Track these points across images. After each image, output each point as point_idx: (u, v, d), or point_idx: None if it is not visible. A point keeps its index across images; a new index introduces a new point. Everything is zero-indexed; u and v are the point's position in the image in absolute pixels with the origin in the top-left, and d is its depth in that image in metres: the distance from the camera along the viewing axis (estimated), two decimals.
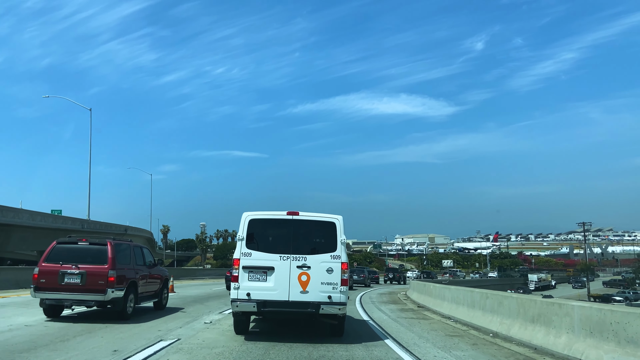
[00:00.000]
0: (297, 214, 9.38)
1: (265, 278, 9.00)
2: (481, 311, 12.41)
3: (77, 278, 11.13)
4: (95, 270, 11.21)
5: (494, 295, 11.86)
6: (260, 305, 8.88)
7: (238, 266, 9.06)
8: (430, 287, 19.54)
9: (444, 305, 16.25)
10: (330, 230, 9.34)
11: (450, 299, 15.64)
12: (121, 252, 12.23)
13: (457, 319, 13.80)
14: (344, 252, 9.28)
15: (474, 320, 12.51)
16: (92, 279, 11.15)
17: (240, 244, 9.22)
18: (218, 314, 13.69)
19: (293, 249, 9.16)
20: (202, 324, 11.40)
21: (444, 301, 16.45)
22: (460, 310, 14.18)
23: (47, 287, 11.16)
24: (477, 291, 13.23)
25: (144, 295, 13.26)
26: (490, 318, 11.67)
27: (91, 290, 11.13)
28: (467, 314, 13.35)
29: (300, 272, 9.04)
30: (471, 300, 13.33)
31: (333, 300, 8.97)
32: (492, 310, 11.67)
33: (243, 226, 9.31)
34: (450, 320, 14.07)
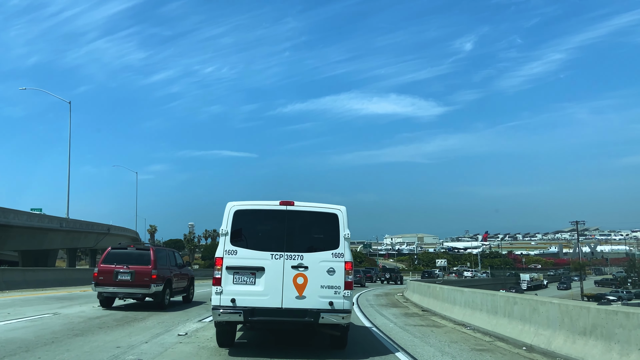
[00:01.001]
0: (291, 203, 8.00)
1: (254, 281, 7.63)
2: (507, 319, 10.53)
3: (128, 276, 13.97)
4: (141, 270, 14.02)
5: (525, 300, 9.97)
6: (247, 313, 7.48)
7: (221, 266, 7.68)
8: (436, 288, 17.65)
9: (454, 310, 14.36)
10: (332, 223, 7.97)
11: (464, 303, 13.75)
12: (160, 255, 14.99)
13: (475, 327, 11.91)
14: (347, 250, 7.89)
15: (499, 330, 10.62)
16: (139, 277, 13.97)
17: (224, 240, 7.84)
18: (197, 322, 11.67)
19: (287, 246, 7.78)
20: (174, 337, 9.37)
21: (455, 305, 14.56)
22: (477, 316, 12.29)
23: (104, 283, 14.02)
24: (500, 295, 11.35)
25: (177, 290, 15.93)
26: (520, 327, 9.79)
27: (138, 286, 13.96)
28: (487, 322, 11.46)
29: (295, 274, 7.67)
30: (492, 305, 11.44)
31: (335, 307, 7.56)
32: (523, 318, 9.79)
33: (227, 218, 7.92)
34: (467, 328, 12.18)
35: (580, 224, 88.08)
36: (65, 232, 52.24)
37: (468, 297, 13.43)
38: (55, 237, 50.19)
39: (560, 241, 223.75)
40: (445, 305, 15.64)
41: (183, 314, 13.57)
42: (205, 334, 9.88)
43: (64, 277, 27.31)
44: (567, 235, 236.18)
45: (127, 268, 13.95)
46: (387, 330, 11.65)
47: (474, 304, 12.82)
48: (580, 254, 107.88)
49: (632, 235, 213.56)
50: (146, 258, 14.25)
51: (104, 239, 66.89)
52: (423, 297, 19.71)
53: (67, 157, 51.31)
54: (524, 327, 9.68)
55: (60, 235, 51.59)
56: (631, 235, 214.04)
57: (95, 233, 63.63)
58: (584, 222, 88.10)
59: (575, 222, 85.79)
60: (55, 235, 49.79)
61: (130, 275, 13.89)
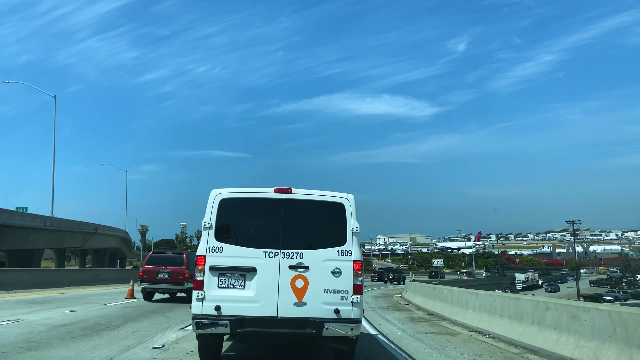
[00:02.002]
0: (289, 191, 6.77)
1: (243, 284, 6.41)
2: (536, 327, 9.12)
3: (166, 274, 16.94)
4: (177, 270, 16.95)
5: (561, 305, 8.56)
6: (235, 324, 6.20)
7: (203, 267, 6.43)
8: (443, 290, 16.24)
9: (467, 315, 12.95)
10: (337, 214, 6.75)
11: (478, 307, 12.34)
12: (190, 258, 17.46)
13: (495, 336, 10.51)
14: (356, 246, 6.69)
15: (527, 339, 9.21)
16: (175, 275, 16.89)
17: (207, 235, 6.59)
18: (178, 331, 10.16)
19: (284, 242, 6.57)
20: (147, 351, 7.85)
21: (467, 309, 13.15)
22: (496, 323, 10.88)
23: (148, 280, 17.02)
24: (526, 299, 9.93)
25: None
26: (555, 337, 8.38)
27: (175, 283, 16.91)
28: (510, 329, 10.05)
29: (294, 275, 6.45)
30: (517, 311, 10.03)
31: (342, 315, 6.33)
32: (558, 326, 8.38)
33: (211, 209, 6.70)
34: (486, 336, 10.77)
35: (576, 223, 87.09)
36: (50, 232, 50.34)
37: (484, 300, 12.02)
38: (39, 237, 48.29)
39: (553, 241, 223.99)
40: (455, 309, 14.23)
41: (165, 320, 12.04)
42: (186, 345, 8.40)
43: (43, 278, 25.59)
44: (558, 236, 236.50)
45: (165, 268, 16.92)
46: (397, 339, 10.20)
47: (492, 309, 11.41)
48: (580, 255, 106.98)
49: (623, 236, 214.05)
50: (179, 260, 17.29)
51: (92, 238, 65.00)
52: (427, 300, 18.31)
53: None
54: (559, 337, 8.28)
55: (45, 234, 49.70)
56: (623, 236, 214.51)
57: (82, 232, 61.69)
58: (580, 221, 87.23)
59: (571, 222, 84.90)
60: (39, 234, 47.91)
61: (168, 274, 16.87)
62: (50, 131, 46.34)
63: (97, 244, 72.95)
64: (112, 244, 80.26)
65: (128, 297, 18.07)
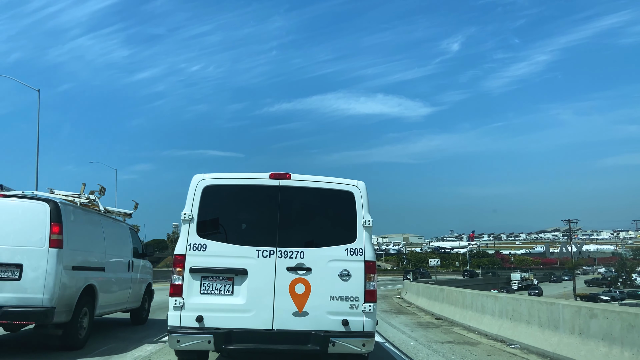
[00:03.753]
0: (287, 176, 5.66)
1: (231, 289, 5.35)
2: (578, 337, 7.72)
3: None
4: None
5: (611, 313, 7.16)
6: (220, 338, 5.12)
7: (182, 268, 5.34)
8: (453, 292, 14.84)
9: (484, 321, 11.55)
10: (346, 205, 5.66)
11: (498, 312, 10.93)
12: None
13: (523, 346, 9.11)
14: (368, 244, 5.62)
15: (565, 352, 7.80)
16: None
17: (188, 230, 5.48)
18: (152, 344, 8.67)
19: (281, 239, 5.50)
20: None
21: (484, 314, 11.75)
22: (523, 331, 9.48)
23: None
24: (563, 304, 8.52)
25: None
26: (605, 350, 6.99)
27: None
28: (542, 339, 8.65)
29: (293, 279, 5.41)
30: (550, 318, 8.63)
31: (352, 328, 5.28)
32: (608, 336, 6.99)
33: (192, 198, 5.55)
34: (512, 346, 9.37)
35: (573, 222, 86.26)
36: None
37: (506, 305, 10.61)
38: None
39: (545, 241, 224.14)
40: (468, 313, 12.83)
41: (142, 327, 10.53)
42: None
43: None
44: (550, 235, 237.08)
45: None
46: (411, 351, 8.77)
47: (516, 315, 10.01)
48: (573, 254, 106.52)
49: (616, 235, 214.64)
50: None
51: None
52: (433, 302, 16.91)
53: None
54: (610, 351, 6.89)
55: None
56: (615, 235, 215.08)
57: None
58: (576, 220, 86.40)
59: (567, 221, 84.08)
60: None
61: None
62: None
63: None
64: None
65: None
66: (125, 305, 10.19)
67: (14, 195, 7.57)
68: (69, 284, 7.53)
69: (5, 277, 7.00)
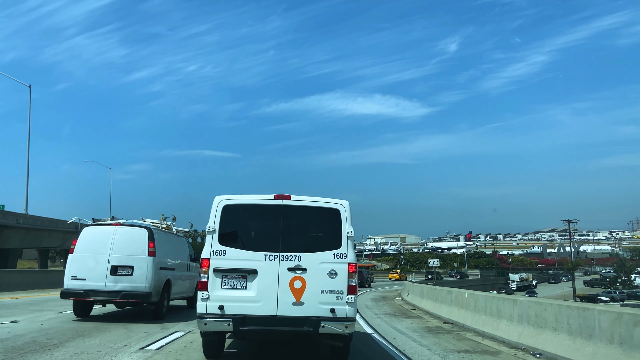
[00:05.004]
0: (287, 197, 7.17)
1: (245, 285, 6.86)
2: (619, 347, 6.77)
3: None
4: None
5: None
6: (237, 322, 6.64)
7: (207, 269, 6.84)
8: (463, 295, 13.87)
9: (501, 327, 10.60)
10: (333, 219, 7.17)
11: (518, 317, 9.97)
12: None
13: (549, 356, 8.15)
14: (351, 250, 7.08)
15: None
16: None
17: (211, 239, 6.97)
18: (136, 352, 7.68)
19: (283, 246, 6.99)
20: None
21: (500, 319, 10.80)
22: (548, 339, 8.53)
23: None
24: (599, 309, 7.55)
25: None
26: None
27: None
28: (574, 349, 7.70)
29: (292, 277, 6.88)
30: (583, 325, 7.67)
31: (337, 314, 6.78)
32: None
33: (215, 214, 7.09)
34: (536, 356, 8.41)
35: (572, 222, 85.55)
36: (25, 230, 47.35)
37: (527, 309, 9.65)
38: (12, 235, 45.29)
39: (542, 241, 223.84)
40: (481, 317, 11.89)
41: (124, 334, 9.53)
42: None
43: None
44: (546, 236, 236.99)
45: None
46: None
47: (539, 320, 9.05)
48: (572, 255, 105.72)
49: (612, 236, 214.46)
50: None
51: (72, 237, 62.02)
52: (440, 305, 15.96)
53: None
54: None
55: (20, 233, 46.73)
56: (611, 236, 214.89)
57: (61, 231, 58.54)
58: (576, 220, 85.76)
59: (567, 221, 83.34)
60: (13, 232, 44.90)
61: None
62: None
63: None
64: None
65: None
66: (185, 294, 14.47)
67: (127, 224, 12.19)
68: (158, 278, 11.90)
69: (124, 274, 11.37)
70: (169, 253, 12.96)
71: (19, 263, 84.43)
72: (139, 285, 11.28)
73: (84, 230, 11.98)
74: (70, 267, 11.44)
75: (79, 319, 11.69)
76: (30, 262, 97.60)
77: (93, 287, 11.17)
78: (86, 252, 11.44)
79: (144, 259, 11.46)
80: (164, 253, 12.44)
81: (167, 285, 12.49)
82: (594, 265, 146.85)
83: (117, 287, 11.24)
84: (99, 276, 11.22)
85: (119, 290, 11.21)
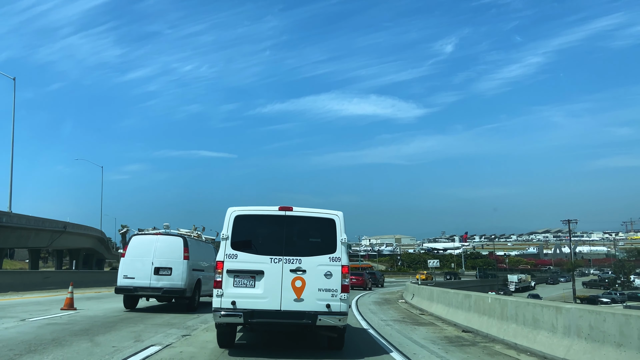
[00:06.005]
0: (290, 209, 8.11)
1: (254, 284, 7.80)
2: None
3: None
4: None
5: None
6: (247, 315, 7.63)
7: (222, 270, 7.82)
8: (486, 300, 12.22)
9: (539, 339, 8.98)
10: (329, 228, 8.09)
11: (563, 328, 8.34)
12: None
13: None
14: (344, 254, 8.02)
15: None
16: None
17: (225, 244, 7.96)
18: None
19: (286, 250, 7.94)
20: None
21: (538, 330, 9.17)
22: (612, 356, 6.91)
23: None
24: None
25: None
26: None
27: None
28: None
29: (294, 277, 7.83)
30: None
31: (332, 309, 7.74)
32: None
33: (228, 223, 8.03)
34: None
35: (577, 221, 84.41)
36: (9, 229, 45.35)
37: (577, 319, 8.01)
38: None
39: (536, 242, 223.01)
40: (511, 327, 10.26)
41: (87, 350, 7.79)
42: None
43: None
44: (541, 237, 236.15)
45: None
46: None
47: (597, 333, 7.42)
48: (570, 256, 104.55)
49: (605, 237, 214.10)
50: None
51: (61, 237, 59.87)
52: (455, 310, 14.30)
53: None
54: None
55: (4, 232, 44.73)
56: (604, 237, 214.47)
57: (49, 231, 56.63)
58: (576, 220, 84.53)
59: (567, 221, 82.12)
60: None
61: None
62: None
63: (68, 243, 67.73)
64: (85, 244, 74.95)
65: (65, 307, 13.72)
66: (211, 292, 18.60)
67: (166, 233, 14.54)
68: (191, 277, 14.06)
69: (164, 274, 13.68)
70: (199, 257, 15.14)
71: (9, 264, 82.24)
72: (176, 283, 13.70)
73: (132, 238, 14.41)
74: (122, 268, 13.96)
75: (127, 310, 14.09)
76: (22, 263, 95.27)
77: (140, 284, 13.63)
78: (134, 256, 13.88)
79: (180, 262, 13.86)
80: (196, 257, 14.67)
81: (198, 284, 14.80)
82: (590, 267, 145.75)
83: (159, 284, 13.69)
84: (144, 275, 13.61)
85: (161, 287, 13.68)
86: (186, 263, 13.86)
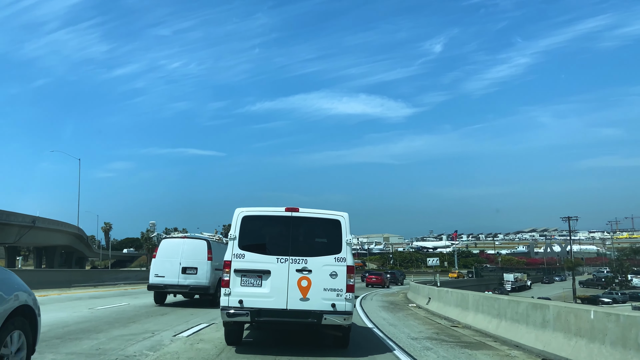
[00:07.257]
0: (296, 210, 8.37)
1: (260, 283, 8.07)
2: None
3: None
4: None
5: None
6: (254, 314, 7.93)
7: (229, 269, 8.09)
8: (580, 315, 8.34)
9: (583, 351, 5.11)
10: (335, 229, 8.35)
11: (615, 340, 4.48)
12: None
13: None
14: (349, 255, 8.28)
15: None
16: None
17: (232, 244, 8.26)
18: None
19: (292, 251, 8.20)
20: None
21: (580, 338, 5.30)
22: None
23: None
24: None
25: None
26: None
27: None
28: None
29: (300, 277, 8.08)
30: None
31: (337, 309, 7.95)
32: None
33: (235, 224, 8.35)
34: None
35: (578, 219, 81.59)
36: None
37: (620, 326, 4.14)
38: None
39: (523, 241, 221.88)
40: (546, 333, 6.60)
41: None
42: None
43: None
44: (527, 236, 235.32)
45: None
46: None
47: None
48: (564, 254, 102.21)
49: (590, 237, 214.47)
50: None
51: (30, 233, 55.23)
52: (517, 326, 10.37)
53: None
54: None
55: None
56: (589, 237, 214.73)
57: (17, 225, 52.06)
58: (576, 217, 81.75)
59: (567, 218, 79.29)
60: None
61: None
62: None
63: (39, 240, 62.97)
64: (60, 240, 70.13)
65: None
66: None
67: (192, 237, 16.98)
68: (214, 276, 15.83)
69: (190, 273, 15.71)
70: (221, 258, 17.89)
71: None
72: (201, 281, 15.38)
73: (162, 241, 16.44)
74: (154, 268, 15.72)
75: (158, 305, 15.94)
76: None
77: (169, 282, 15.48)
78: (164, 257, 15.69)
79: (205, 262, 15.55)
80: (218, 258, 15.26)
81: (220, 282, 18.89)
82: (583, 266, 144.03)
83: (186, 282, 15.41)
84: (173, 274, 15.38)
85: (187, 285, 15.42)
86: (210, 263, 15.64)
